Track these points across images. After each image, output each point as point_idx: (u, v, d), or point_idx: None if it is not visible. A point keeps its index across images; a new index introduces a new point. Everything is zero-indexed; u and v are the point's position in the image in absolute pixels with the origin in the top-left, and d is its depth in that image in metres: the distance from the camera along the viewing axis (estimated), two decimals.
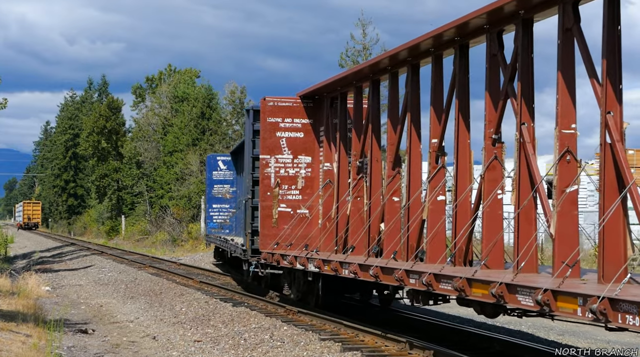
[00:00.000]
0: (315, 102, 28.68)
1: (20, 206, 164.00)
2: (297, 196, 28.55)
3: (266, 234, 28.22)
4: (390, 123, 23.39)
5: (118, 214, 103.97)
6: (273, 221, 28.24)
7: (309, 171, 28.77)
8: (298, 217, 28.26)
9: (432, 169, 20.95)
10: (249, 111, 30.60)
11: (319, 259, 23.69)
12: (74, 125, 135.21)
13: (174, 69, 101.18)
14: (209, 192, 48.09)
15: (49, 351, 18.94)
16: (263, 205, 28.31)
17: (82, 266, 54.40)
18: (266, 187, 28.38)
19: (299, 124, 28.66)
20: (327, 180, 27.54)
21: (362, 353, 19.51)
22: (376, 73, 24.26)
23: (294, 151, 28.63)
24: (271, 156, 28.41)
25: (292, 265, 25.59)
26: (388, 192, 23.23)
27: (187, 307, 30.00)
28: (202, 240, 66.13)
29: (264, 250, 28.00)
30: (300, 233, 27.66)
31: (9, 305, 27.22)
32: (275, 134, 28.45)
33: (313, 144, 28.73)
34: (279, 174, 28.49)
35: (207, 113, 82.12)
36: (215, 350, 20.56)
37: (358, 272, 21.16)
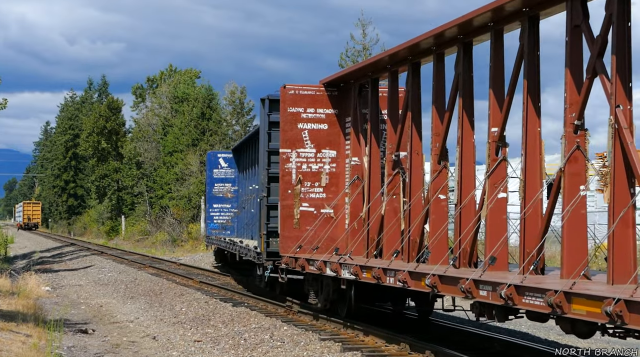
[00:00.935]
0: (341, 90, 25.16)
1: (20, 206, 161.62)
2: (321, 194, 25.00)
3: (287, 236, 24.66)
4: (436, 110, 19.72)
5: (118, 215, 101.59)
6: (294, 221, 24.62)
7: (333, 167, 25.23)
8: (322, 217, 24.74)
9: (491, 163, 17.50)
10: (264, 100, 27.15)
11: (355, 265, 20.00)
12: (74, 126, 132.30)
13: (175, 69, 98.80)
14: (209, 191, 44.55)
15: (49, 351, 18.51)
16: (283, 204, 24.69)
17: (82, 266, 53.10)
18: (287, 184, 24.82)
19: (323, 114, 25.09)
20: (355, 176, 24.06)
21: (362, 353, 18.80)
22: (417, 55, 20.79)
23: (317, 145, 25.08)
24: (292, 150, 24.78)
25: (320, 271, 21.99)
26: (433, 189, 19.54)
27: (187, 307, 29.05)
28: (202, 240, 63.89)
29: (284, 254, 24.48)
30: (325, 235, 24.19)
31: (9, 305, 26.64)
32: (296, 125, 24.86)
33: (338, 136, 25.19)
34: (301, 170, 24.96)
35: (207, 113, 79.51)
36: (215, 350, 20.02)
37: (408, 281, 17.56)
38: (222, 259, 43.83)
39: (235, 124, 78.61)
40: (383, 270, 18.68)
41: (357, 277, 19.92)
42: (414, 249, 20.29)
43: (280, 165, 24.94)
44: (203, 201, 60.96)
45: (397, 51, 20.86)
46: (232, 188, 44.09)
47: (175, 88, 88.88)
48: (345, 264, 20.68)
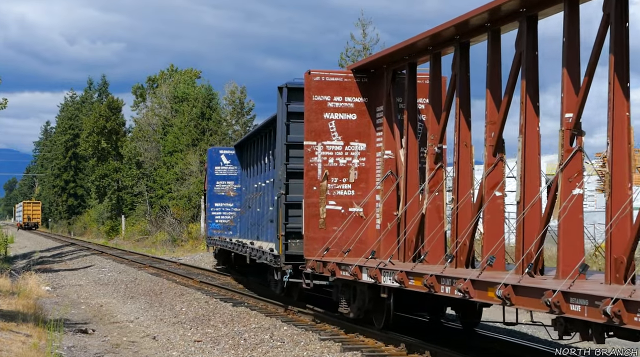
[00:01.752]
0: (372, 76, 22.15)
1: (20, 206, 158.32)
2: (349, 190, 22.03)
3: (312, 237, 21.68)
4: (491, 95, 16.63)
5: (118, 214, 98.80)
6: (320, 221, 21.62)
7: (363, 161, 22.24)
8: (351, 217, 21.75)
9: (565, 154, 14.54)
10: (282, 89, 24.18)
11: (400, 271, 16.90)
12: (74, 126, 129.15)
13: (176, 69, 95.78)
14: (210, 190, 41.18)
15: (49, 351, 18.14)
16: (308, 202, 21.67)
17: (82, 266, 51.85)
18: (312, 180, 21.81)
19: (351, 103, 22.11)
20: (389, 171, 21.11)
21: (362, 353, 18.16)
22: (466, 34, 17.84)
23: (345, 137, 22.10)
24: (318, 143, 21.77)
25: (355, 277, 18.93)
26: (489, 185, 16.48)
27: (187, 307, 28.26)
28: (202, 240, 61.89)
29: (310, 257, 21.46)
30: (355, 237, 21.25)
31: (9, 305, 26.11)
32: (322, 115, 21.85)
33: (368, 127, 22.20)
34: (327, 165, 21.99)
35: (207, 113, 76.99)
36: (215, 350, 19.53)
37: (470, 291, 14.46)
38: (226, 261, 40.82)
39: (235, 124, 76.35)
40: (437, 277, 15.59)
41: (403, 285, 16.88)
42: (463, 253, 17.23)
43: (304, 159, 21.98)
44: (203, 200, 58.10)
45: (441, 31, 17.96)
46: (234, 186, 40.99)
47: (175, 88, 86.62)
48: (387, 269, 17.65)
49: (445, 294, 15.35)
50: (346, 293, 20.48)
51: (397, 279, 16.91)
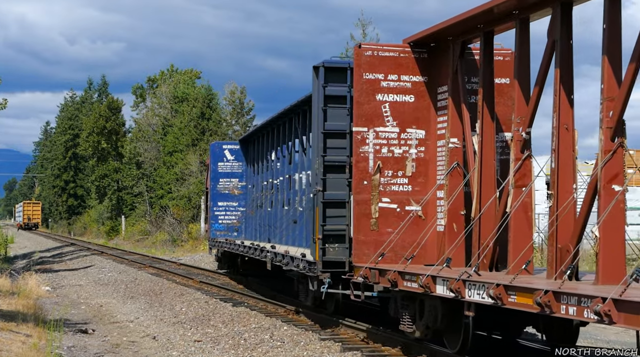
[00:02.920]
0: (433, 51, 18.05)
1: (20, 206, 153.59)
2: (406, 186, 17.94)
3: (362, 240, 17.58)
4: (609, 65, 12.40)
5: (118, 215, 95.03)
6: (372, 222, 17.51)
7: (421, 151, 18.12)
8: (408, 216, 17.61)
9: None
10: (318, 69, 19.94)
11: (496, 284, 12.62)
12: (74, 126, 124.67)
13: (176, 69, 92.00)
14: (213, 187, 36.55)
15: (49, 351, 17.62)
16: (358, 199, 17.56)
17: (82, 266, 50.11)
18: (362, 173, 17.69)
19: (408, 82, 18.01)
20: (455, 163, 16.99)
21: (362, 353, 17.16)
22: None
23: (401, 122, 17.99)
24: (369, 129, 17.65)
25: (426, 290, 14.60)
26: (606, 177, 12.32)
27: (187, 307, 27.18)
28: (202, 240, 59.73)
29: (360, 264, 17.32)
30: (414, 240, 17.35)
31: (9, 305, 25.31)
32: (374, 97, 17.73)
33: (427, 111, 18.10)
34: (380, 155, 17.90)
35: (207, 113, 73.89)
36: (215, 350, 18.84)
37: (614, 314, 10.14)
38: (231, 265, 36.14)
39: (235, 124, 72.97)
40: (555, 294, 11.30)
41: (499, 303, 12.61)
42: (562, 260, 13.03)
43: (353, 148, 17.87)
44: (204, 200, 53.94)
45: None
46: (239, 184, 36.57)
47: (175, 88, 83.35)
48: (475, 282, 13.35)
49: (569, 316, 11.10)
50: (410, 308, 16.16)
51: (494, 295, 12.65)
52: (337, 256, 19.18)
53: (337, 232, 19.17)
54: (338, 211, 19.24)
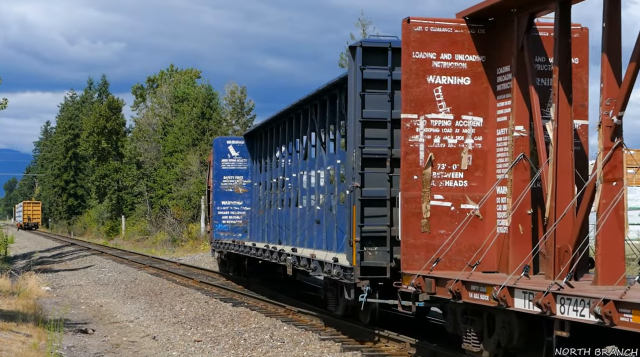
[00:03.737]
0: (491, 27, 15.11)
1: (20, 206, 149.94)
2: (461, 181, 15.04)
3: (412, 244, 14.62)
4: None
5: (118, 214, 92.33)
6: (422, 222, 14.62)
7: (478, 140, 15.20)
8: (464, 216, 14.75)
9: None
10: (355, 49, 17.11)
11: (602, 299, 9.76)
12: (74, 126, 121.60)
13: (176, 69, 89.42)
14: (216, 186, 33.50)
15: (49, 351, 16.98)
16: (406, 196, 14.62)
17: (82, 266, 48.80)
18: (411, 167, 14.76)
19: (464, 63, 15.13)
20: (521, 154, 14.04)
21: (362, 353, 16.31)
22: None
23: (456, 108, 15.09)
24: (419, 116, 14.74)
25: (501, 303, 11.70)
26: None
27: (187, 307, 26.43)
28: (202, 240, 57.63)
29: (410, 271, 14.37)
30: (467, 243, 14.49)
31: (9, 305, 24.73)
32: (425, 79, 14.82)
33: (486, 95, 15.19)
34: (432, 146, 14.99)
35: (207, 113, 71.32)
36: (215, 350, 18.13)
37: None
38: (237, 268, 33.13)
39: (235, 124, 70.41)
40: None
41: (609, 322, 9.71)
42: None
43: (401, 138, 14.93)
44: (205, 199, 51.75)
45: None
46: (244, 182, 33.60)
47: (176, 88, 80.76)
48: (569, 295, 10.48)
49: None
50: (476, 324, 13.21)
51: (602, 313, 9.75)
52: (377, 261, 16.42)
53: (377, 234, 16.45)
54: (377, 210, 16.48)
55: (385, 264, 16.36)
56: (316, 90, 23.19)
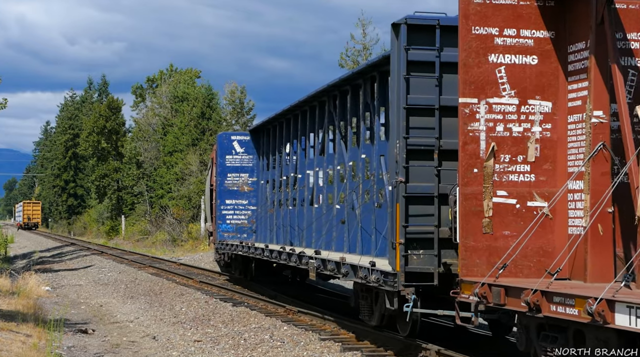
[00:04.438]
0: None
1: (20, 206, 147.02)
2: (528, 175, 12.65)
3: (472, 246, 12.27)
4: None
5: (118, 214, 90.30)
6: (484, 222, 12.24)
7: (547, 128, 12.78)
8: (532, 215, 12.43)
9: None
10: (398, 27, 14.63)
11: None
12: (74, 125, 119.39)
13: (175, 69, 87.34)
14: (220, 184, 30.94)
15: (49, 351, 16.61)
16: (466, 192, 12.30)
17: (82, 266, 47.59)
18: (471, 159, 12.43)
19: (530, 39, 12.74)
20: (600, 143, 11.68)
21: (362, 353, 15.79)
22: None
23: (521, 91, 12.70)
24: (480, 100, 12.37)
25: (600, 319, 9.45)
26: None
27: (187, 307, 25.71)
28: (202, 240, 56.06)
29: (471, 278, 11.93)
30: (534, 245, 12.18)
31: (9, 305, 24.31)
32: (486, 58, 12.42)
33: (555, 77, 12.79)
34: (494, 134, 12.59)
35: (207, 113, 69.72)
36: (215, 350, 17.48)
37: None
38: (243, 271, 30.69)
39: (235, 124, 68.39)
40: None
41: None
42: None
43: (459, 126, 12.55)
44: (203, 200, 51.04)
45: None
46: (249, 179, 31.10)
47: (175, 88, 78.87)
48: None
49: None
50: (559, 342, 10.79)
51: None
52: (423, 266, 14.05)
53: (423, 235, 14.10)
54: (424, 208, 14.13)
55: (433, 269, 14.02)
56: (338, 79, 20.92)
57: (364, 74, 19.33)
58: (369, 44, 53.59)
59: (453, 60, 14.04)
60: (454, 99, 14.04)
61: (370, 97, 19.29)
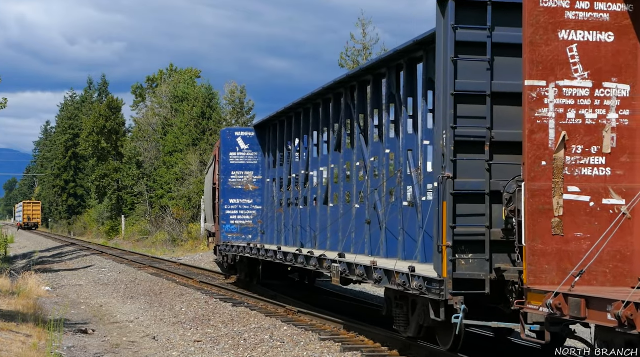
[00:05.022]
0: None
1: (20, 206, 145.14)
2: (603, 168, 10.81)
3: (541, 250, 10.45)
4: None
5: (118, 214, 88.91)
6: (554, 222, 10.39)
7: (625, 115, 10.87)
8: (606, 214, 10.59)
9: None
10: (445, 3, 12.64)
11: None
12: (74, 125, 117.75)
13: (175, 69, 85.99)
14: (223, 182, 28.89)
15: (49, 351, 16.37)
16: (533, 188, 10.43)
17: (82, 266, 46.85)
18: (539, 150, 10.55)
19: (605, 13, 10.91)
20: None
21: (362, 353, 15.46)
22: None
23: (596, 72, 10.83)
24: (549, 83, 10.32)
25: None
26: None
27: (187, 307, 25.20)
28: (202, 240, 54.79)
29: (540, 286, 9.98)
30: (610, 249, 10.36)
31: (9, 305, 23.70)
32: (556, 34, 10.52)
33: (634, 56, 10.95)
34: (565, 122, 10.67)
35: (207, 113, 68.29)
36: (215, 350, 17.11)
37: None
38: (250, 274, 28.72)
39: (235, 124, 66.84)
40: None
41: None
42: None
43: (525, 112, 10.66)
44: (203, 200, 49.53)
45: None
46: (254, 178, 29.07)
47: (175, 88, 77.52)
48: None
49: None
50: None
51: None
52: (473, 272, 12.12)
53: (472, 238, 12.16)
54: (473, 207, 12.18)
55: (484, 275, 12.08)
56: (359, 69, 19.19)
57: (389, 63, 17.53)
58: (369, 44, 52.48)
59: (506, 41, 12.31)
60: (507, 85, 12.20)
61: (395, 87, 17.50)
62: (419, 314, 13.76)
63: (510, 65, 12.11)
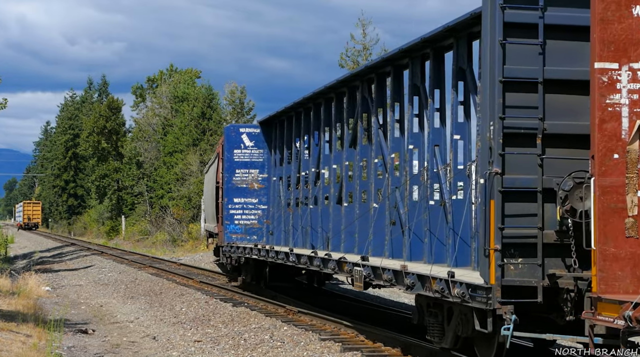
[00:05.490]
0: None
1: (20, 206, 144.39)
2: None
3: (613, 254, 9.05)
4: None
5: (118, 214, 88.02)
6: (627, 222, 8.91)
7: None
8: None
9: None
10: None
11: None
12: (74, 126, 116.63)
13: (175, 69, 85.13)
14: (227, 180, 27.38)
15: (49, 351, 16.30)
16: (603, 184, 9.01)
17: (82, 266, 46.51)
18: (610, 141, 9.07)
19: None
20: None
21: (362, 353, 15.27)
22: None
23: None
24: (622, 65, 8.99)
25: None
26: None
27: (187, 307, 24.78)
28: (202, 240, 53.73)
29: (612, 295, 8.43)
30: None
31: (9, 305, 23.44)
32: (630, 10, 9.13)
33: None
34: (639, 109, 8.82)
35: (208, 113, 67.40)
36: (215, 350, 16.95)
37: None
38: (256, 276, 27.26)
39: None
40: None
41: None
42: None
43: (594, 98, 9.24)
44: (203, 200, 48.04)
45: None
46: (259, 176, 27.54)
47: (176, 88, 76.67)
48: None
49: None
50: None
51: None
52: (523, 278, 10.65)
53: (522, 240, 10.70)
54: (523, 206, 10.72)
55: (535, 282, 10.62)
56: (379, 59, 17.74)
57: (412, 52, 16.08)
58: (369, 44, 51.76)
59: (560, 22, 10.91)
60: (561, 71, 10.78)
61: (419, 78, 16.05)
62: (456, 323, 12.30)
63: (564, 50, 10.70)
